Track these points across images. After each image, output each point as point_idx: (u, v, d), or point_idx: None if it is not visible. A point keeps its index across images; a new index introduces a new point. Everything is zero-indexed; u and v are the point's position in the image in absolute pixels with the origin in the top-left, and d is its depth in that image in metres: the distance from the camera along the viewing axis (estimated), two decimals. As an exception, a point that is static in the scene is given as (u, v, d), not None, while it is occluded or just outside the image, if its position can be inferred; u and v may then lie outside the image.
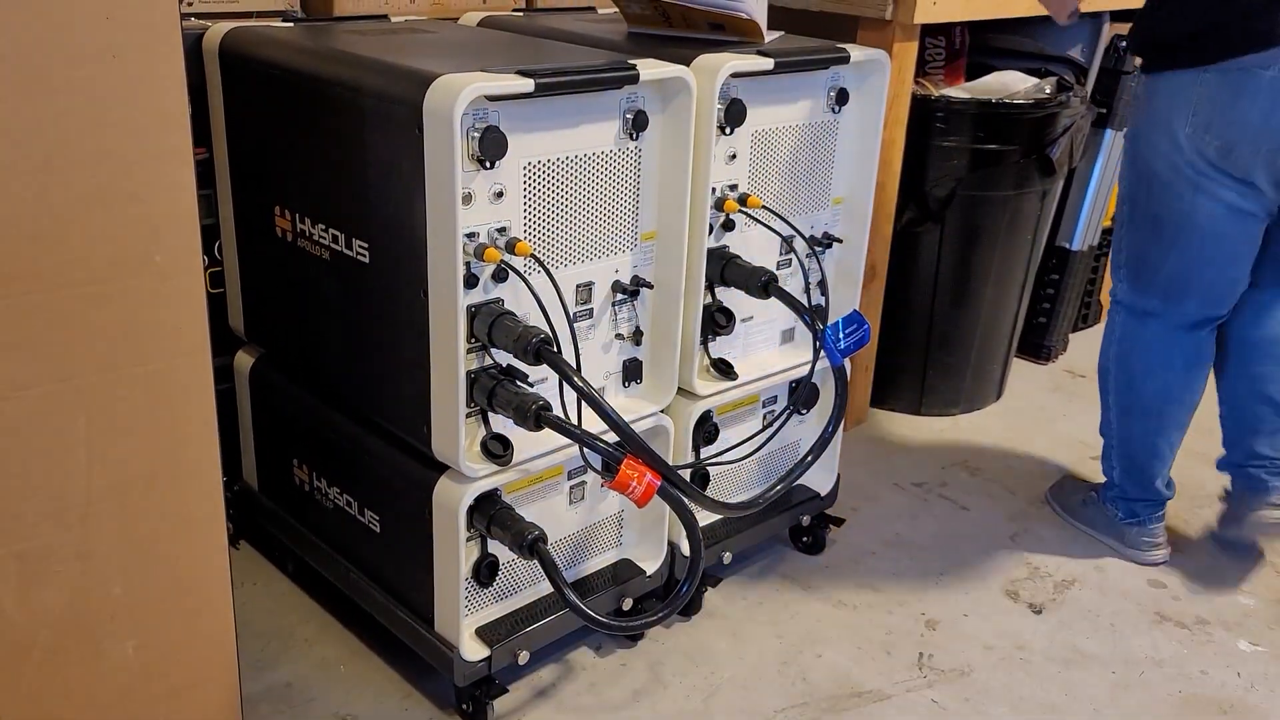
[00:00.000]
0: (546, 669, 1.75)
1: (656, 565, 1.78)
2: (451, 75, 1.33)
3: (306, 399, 1.76)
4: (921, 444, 2.53)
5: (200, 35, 1.73)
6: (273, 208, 1.68)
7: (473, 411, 1.48)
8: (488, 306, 1.43)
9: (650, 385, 1.69)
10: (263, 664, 1.73)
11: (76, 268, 1.18)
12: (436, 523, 1.52)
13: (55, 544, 1.25)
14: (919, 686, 1.77)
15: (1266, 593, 2.06)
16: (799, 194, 1.80)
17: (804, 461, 1.69)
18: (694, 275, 1.65)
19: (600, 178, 1.52)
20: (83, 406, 1.22)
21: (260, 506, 1.93)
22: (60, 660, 1.29)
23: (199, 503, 1.36)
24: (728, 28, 1.71)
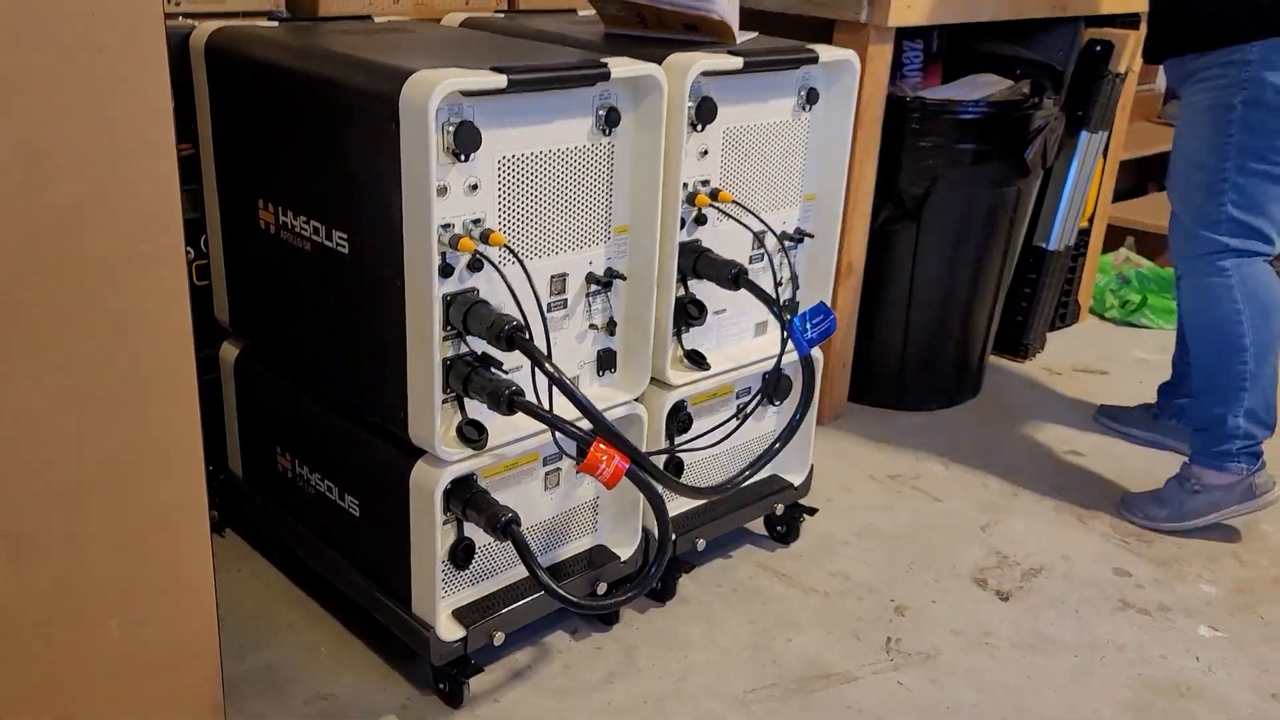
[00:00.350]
0: (522, 651, 1.80)
1: (631, 551, 1.83)
2: (426, 71, 1.38)
3: (289, 388, 1.80)
4: (898, 438, 2.58)
5: (187, 34, 1.77)
6: (256, 201, 1.72)
7: (449, 398, 1.53)
8: (463, 295, 1.48)
9: (624, 375, 1.74)
10: (245, 647, 1.77)
11: (63, 259, 1.22)
12: (413, 506, 1.57)
13: (44, 525, 1.29)
14: (886, 669, 1.82)
15: (1229, 582, 2.11)
16: (771, 190, 1.85)
17: (772, 448, 1.73)
18: (666, 268, 1.69)
19: (574, 172, 1.56)
20: (71, 394, 1.26)
21: (245, 495, 1.98)
22: (48, 637, 1.33)
23: (183, 488, 1.40)
24: (701, 28, 1.76)
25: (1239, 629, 1.97)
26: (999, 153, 2.47)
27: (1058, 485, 2.42)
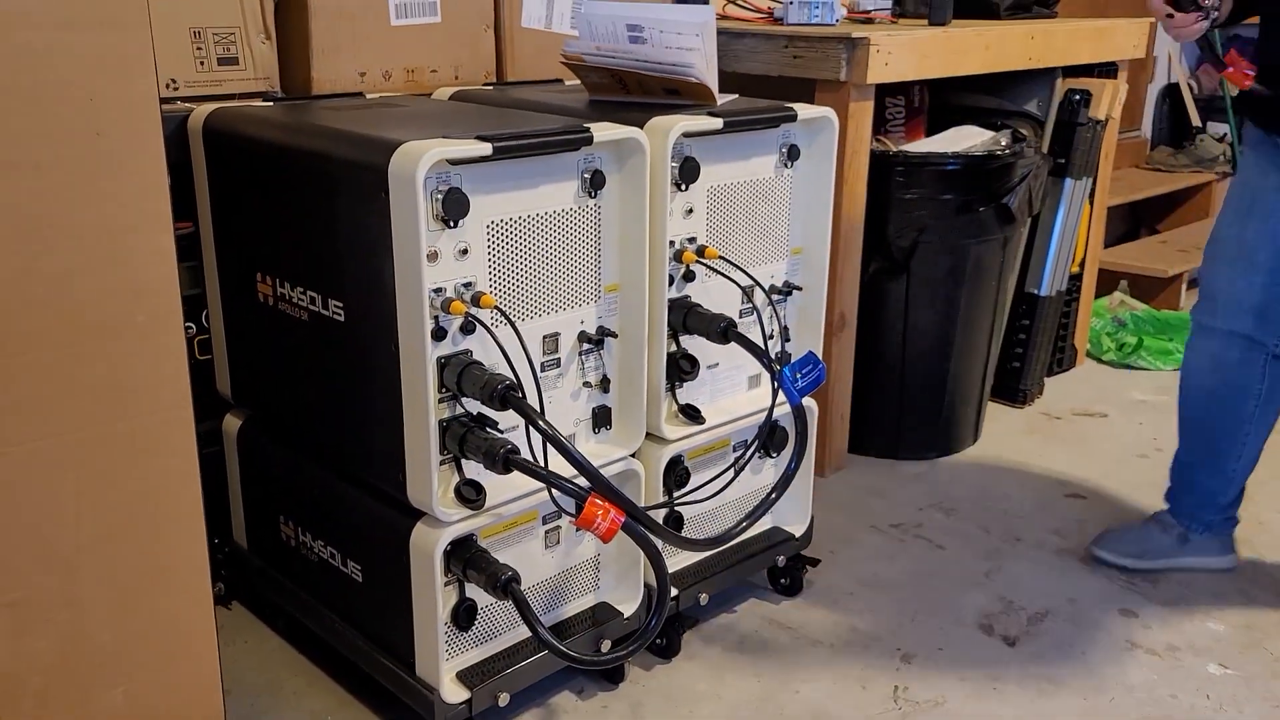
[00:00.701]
0: (528, 712, 1.79)
1: (634, 607, 1.83)
2: (414, 142, 1.43)
3: (291, 457, 1.83)
4: (899, 487, 2.59)
5: (185, 117, 1.83)
6: (255, 274, 1.77)
7: (446, 459, 1.55)
8: (457, 357, 1.51)
9: (619, 431, 1.76)
10: (251, 717, 1.77)
11: (63, 329, 1.26)
12: (414, 568, 1.58)
13: (45, 593, 1.31)
14: (893, 718, 1.81)
15: (1236, 619, 2.10)
16: (757, 245, 1.88)
17: (769, 498, 1.75)
18: (656, 324, 1.73)
19: (562, 234, 1.60)
20: (70, 461, 1.30)
21: (250, 565, 1.99)
22: (51, 706, 1.34)
23: (184, 554, 1.43)
24: (682, 92, 1.81)
25: (1248, 666, 1.96)
26: (983, 202, 2.52)
27: (1060, 529, 2.42)
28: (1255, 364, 2.01)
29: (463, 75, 2.24)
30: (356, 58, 2.08)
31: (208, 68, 1.94)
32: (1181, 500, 2.19)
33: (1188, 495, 2.18)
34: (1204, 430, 2.12)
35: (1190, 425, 2.15)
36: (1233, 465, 2.11)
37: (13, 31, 1.17)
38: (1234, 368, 2.03)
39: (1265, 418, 2.07)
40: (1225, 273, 2.00)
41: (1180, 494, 2.20)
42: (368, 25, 2.08)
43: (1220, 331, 2.03)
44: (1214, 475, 2.13)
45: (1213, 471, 2.13)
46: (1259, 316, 1.96)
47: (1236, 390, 2.04)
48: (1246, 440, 2.08)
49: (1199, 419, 2.12)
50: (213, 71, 1.94)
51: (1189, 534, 2.18)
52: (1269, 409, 2.06)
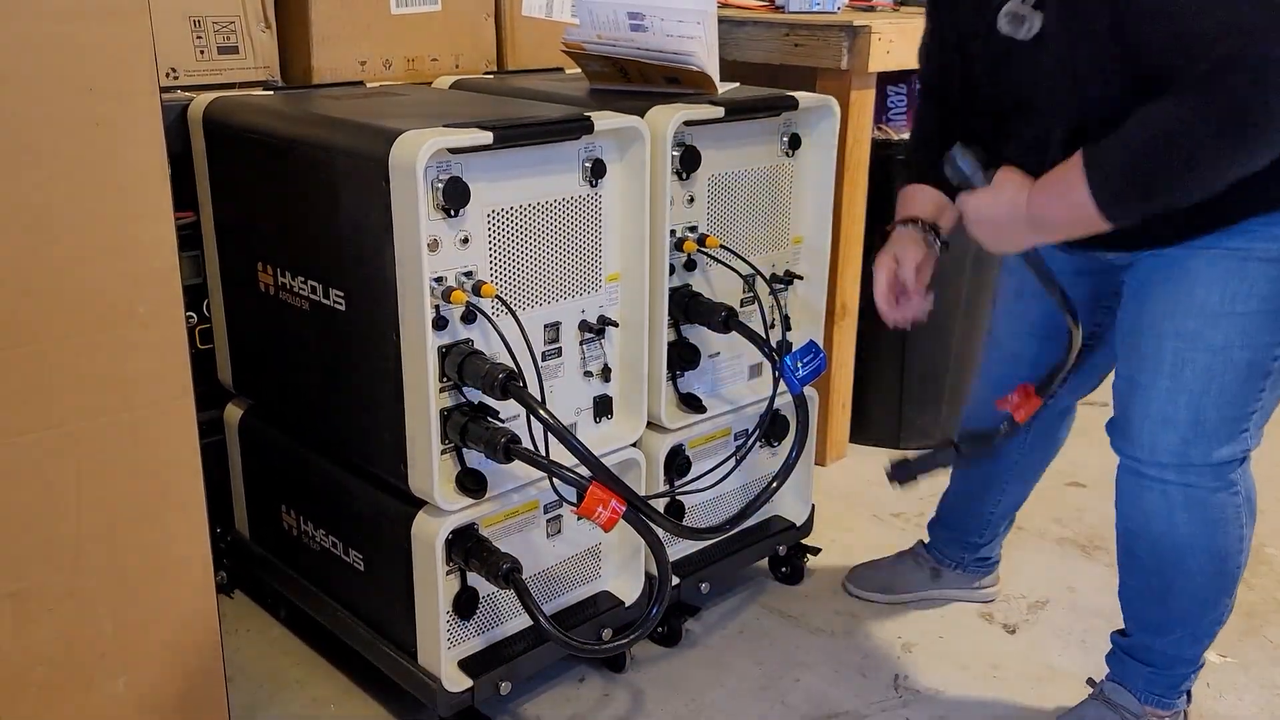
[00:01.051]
0: (530, 701, 1.80)
1: (635, 596, 1.84)
2: (415, 131, 1.42)
3: (292, 446, 1.83)
4: (900, 476, 2.59)
5: (185, 106, 1.83)
6: (256, 264, 1.77)
7: (447, 448, 1.55)
8: (457, 347, 1.51)
9: (621, 420, 1.76)
10: (255, 706, 1.78)
11: (65, 320, 1.26)
12: (416, 557, 1.58)
13: (47, 583, 1.32)
14: (894, 706, 1.82)
15: (1236, 606, 2.09)
16: (758, 234, 1.88)
17: (770, 487, 1.75)
18: (657, 313, 1.72)
19: (563, 223, 1.60)
20: (72, 451, 1.30)
21: (252, 554, 2.00)
22: (54, 696, 1.35)
23: (186, 543, 1.43)
24: (683, 80, 1.81)
25: (1247, 653, 1.97)
26: (985, 190, 2.51)
27: (1060, 517, 2.42)
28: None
29: (463, 64, 2.23)
30: (357, 46, 2.07)
31: (208, 56, 1.94)
32: (937, 532, 2.10)
33: (944, 529, 2.08)
34: (965, 472, 2.00)
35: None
36: (990, 509, 2.00)
37: (12, 21, 1.16)
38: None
39: (1028, 465, 1.96)
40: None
41: (936, 526, 2.10)
42: (368, 13, 2.08)
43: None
44: (970, 515, 2.03)
45: (969, 512, 2.03)
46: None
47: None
48: (1005, 487, 1.97)
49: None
50: (213, 60, 1.94)
51: (941, 569, 2.08)
52: (1032, 457, 1.95)
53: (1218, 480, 1.54)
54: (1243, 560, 1.62)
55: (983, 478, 1.98)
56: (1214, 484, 1.54)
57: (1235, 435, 1.52)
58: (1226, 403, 1.49)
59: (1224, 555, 1.59)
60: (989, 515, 2.01)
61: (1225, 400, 1.49)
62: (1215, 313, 1.46)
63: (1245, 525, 1.59)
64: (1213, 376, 1.48)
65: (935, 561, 2.08)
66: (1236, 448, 1.53)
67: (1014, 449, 1.92)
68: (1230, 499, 1.55)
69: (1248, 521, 1.59)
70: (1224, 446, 1.52)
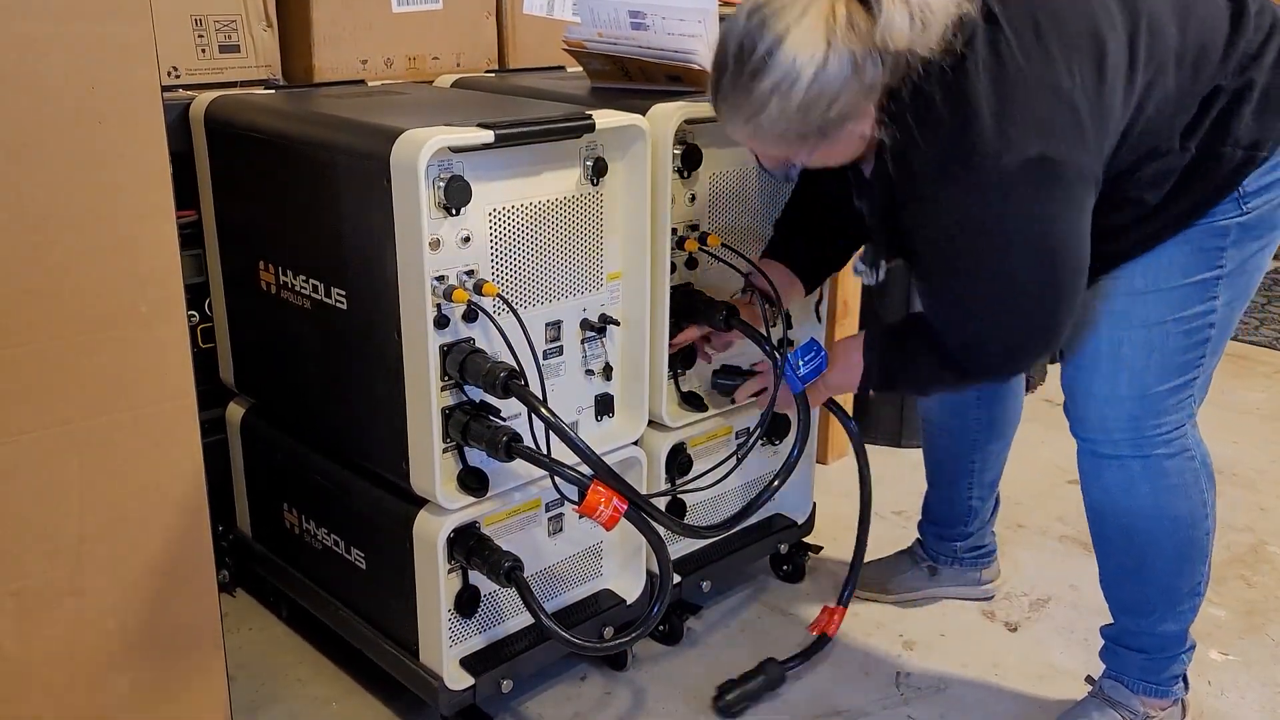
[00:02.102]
0: (532, 699, 1.80)
1: (637, 594, 1.84)
2: (416, 130, 1.42)
3: (294, 445, 1.83)
4: (901, 474, 2.59)
5: (187, 105, 1.83)
6: (257, 263, 1.77)
7: (448, 446, 1.55)
8: (459, 345, 1.51)
9: (622, 418, 1.77)
10: (257, 704, 1.78)
11: (68, 319, 1.26)
12: (417, 555, 1.58)
13: (51, 582, 1.32)
14: (896, 704, 1.82)
15: (1237, 604, 2.10)
16: (761, 232, 1.88)
17: (771, 485, 1.75)
18: (659, 312, 1.73)
19: (564, 222, 1.60)
20: (75, 450, 1.30)
21: (254, 553, 2.00)
22: (57, 695, 1.35)
23: (188, 541, 1.43)
24: (684, 79, 1.81)
25: (1249, 651, 1.97)
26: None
27: (1062, 515, 2.42)
28: (969, 396, 1.94)
29: (464, 62, 2.23)
30: (358, 45, 2.07)
31: (209, 55, 1.94)
32: (925, 529, 2.11)
33: (930, 525, 2.09)
34: (938, 460, 2.03)
35: (928, 455, 2.05)
36: (966, 495, 2.01)
37: (14, 20, 1.17)
38: (956, 401, 1.95)
39: (989, 445, 1.98)
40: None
41: (924, 524, 2.11)
42: (369, 12, 2.08)
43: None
44: (949, 506, 2.04)
45: (948, 503, 2.04)
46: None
47: (958, 417, 1.96)
48: (973, 470, 1.99)
49: (932, 450, 2.04)
50: (214, 59, 1.94)
51: (938, 566, 2.09)
52: (989, 436, 1.96)
53: (1170, 447, 1.59)
54: (1209, 526, 1.64)
55: (949, 469, 2.01)
56: (1168, 451, 1.59)
57: (1181, 401, 1.58)
58: (1168, 373, 1.55)
59: (1190, 521, 1.62)
60: (967, 502, 2.03)
61: (1167, 371, 1.55)
62: (1142, 291, 1.52)
63: (1206, 489, 1.63)
64: (1151, 350, 1.54)
65: (931, 559, 2.08)
66: (1183, 413, 1.59)
67: (970, 434, 1.97)
68: (1187, 464, 1.60)
69: (1208, 485, 1.63)
70: (1171, 414, 1.58)
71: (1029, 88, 1.32)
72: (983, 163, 1.32)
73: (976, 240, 1.39)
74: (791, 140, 1.39)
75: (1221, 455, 2.72)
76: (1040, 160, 1.32)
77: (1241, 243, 1.50)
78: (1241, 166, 1.46)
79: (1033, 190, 1.34)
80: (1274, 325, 3.74)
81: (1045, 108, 1.32)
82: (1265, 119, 1.45)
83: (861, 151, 1.44)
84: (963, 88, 1.32)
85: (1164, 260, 1.51)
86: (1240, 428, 2.89)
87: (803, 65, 1.30)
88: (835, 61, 1.29)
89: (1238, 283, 1.53)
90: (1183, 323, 1.53)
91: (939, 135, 1.34)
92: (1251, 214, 1.48)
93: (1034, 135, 1.31)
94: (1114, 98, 1.37)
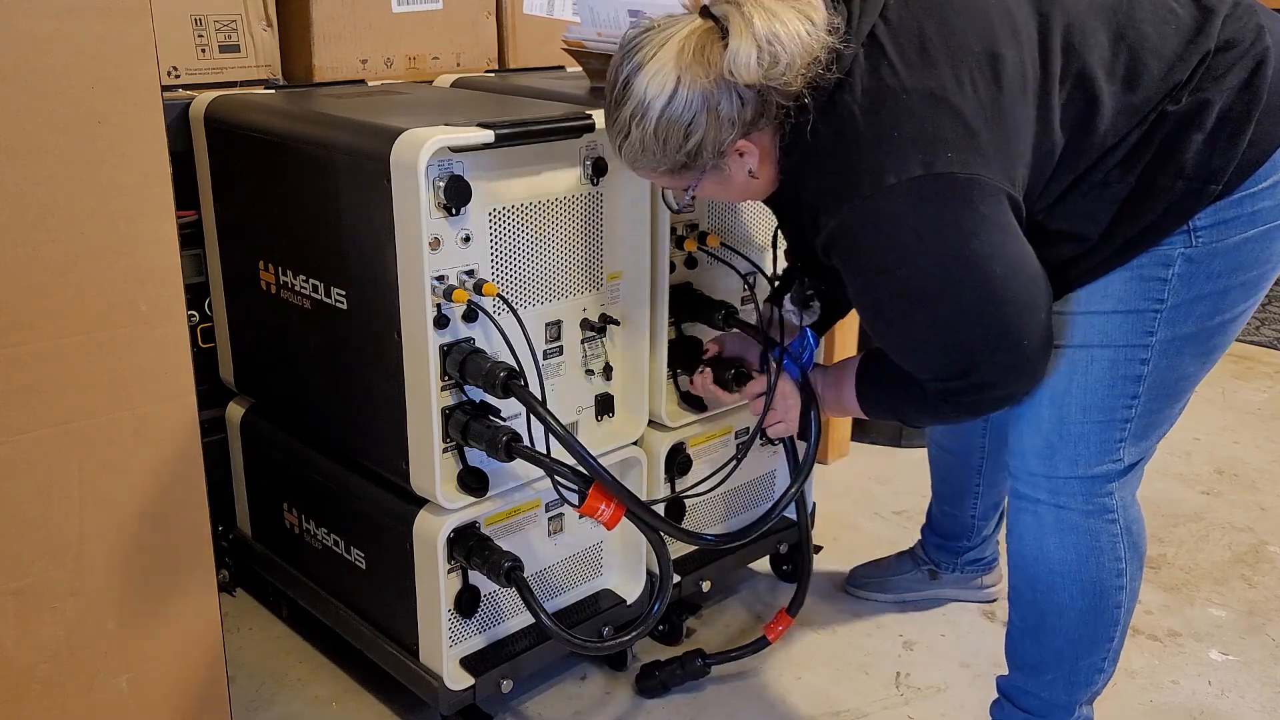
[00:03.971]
0: (532, 699, 1.80)
1: (637, 594, 1.84)
2: (416, 130, 1.42)
3: (294, 444, 1.83)
4: (901, 475, 2.59)
5: (187, 105, 1.83)
6: (257, 263, 1.77)
7: (448, 446, 1.55)
8: (459, 345, 1.51)
9: (622, 419, 1.76)
10: (256, 704, 1.78)
11: (68, 318, 1.26)
12: (417, 555, 1.58)
13: (51, 581, 1.32)
14: (896, 704, 1.82)
15: (1238, 604, 2.10)
16: (759, 231, 1.88)
17: (787, 495, 1.69)
18: (659, 312, 1.72)
19: (564, 221, 1.60)
20: (75, 449, 1.30)
21: (254, 553, 2.00)
22: (57, 694, 1.35)
23: (188, 541, 1.43)
24: (684, 78, 1.80)
25: (1250, 651, 1.97)
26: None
27: (1063, 515, 2.42)
28: (976, 426, 1.90)
29: (464, 62, 2.23)
30: (358, 45, 2.07)
31: (209, 55, 1.94)
32: (927, 536, 2.08)
33: (932, 534, 2.07)
34: (942, 479, 2.01)
35: (933, 474, 2.02)
36: (969, 514, 1.98)
37: (15, 19, 1.17)
38: (960, 425, 1.91)
39: (994, 468, 1.92)
40: None
41: (926, 530, 2.09)
42: (369, 12, 2.08)
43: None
44: (951, 521, 2.02)
45: (950, 518, 2.02)
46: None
47: (962, 441, 1.93)
48: (978, 491, 1.95)
49: (936, 470, 2.01)
50: (214, 59, 1.94)
51: (939, 570, 2.07)
52: (996, 461, 1.90)
53: (1089, 503, 1.48)
54: (1123, 599, 1.53)
55: (955, 486, 1.98)
56: (1085, 506, 1.48)
57: (1107, 449, 1.46)
58: (1091, 405, 1.44)
59: (1099, 590, 1.51)
60: (969, 519, 2.01)
61: (1089, 403, 1.44)
62: (1073, 312, 1.42)
63: (1126, 560, 1.51)
64: (1073, 375, 1.44)
65: (932, 564, 2.08)
66: (1109, 465, 1.46)
67: (974, 458, 1.92)
68: (1105, 526, 1.49)
69: (1129, 557, 1.51)
70: (1093, 460, 1.46)
71: (909, 103, 1.25)
72: (869, 188, 1.26)
73: (888, 270, 1.31)
74: (665, 172, 1.37)
75: (1222, 455, 2.72)
76: (927, 178, 1.24)
77: (1190, 279, 1.36)
78: (1185, 200, 1.31)
79: (929, 209, 1.25)
80: (1275, 325, 3.74)
81: (929, 121, 1.24)
82: (1219, 147, 1.30)
83: (765, 188, 1.41)
84: (840, 116, 1.28)
85: (1102, 283, 1.39)
86: (1241, 428, 2.89)
87: (652, 96, 1.29)
88: (684, 94, 1.28)
89: (1183, 324, 1.38)
90: (1110, 352, 1.41)
91: (823, 167, 1.30)
92: (1201, 247, 1.34)
93: (915, 151, 1.24)
94: (1016, 107, 1.27)
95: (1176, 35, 1.32)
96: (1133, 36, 1.31)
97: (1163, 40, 1.32)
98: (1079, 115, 1.30)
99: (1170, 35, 1.32)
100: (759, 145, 1.34)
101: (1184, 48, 1.31)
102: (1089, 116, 1.30)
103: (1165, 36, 1.32)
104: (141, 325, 1.31)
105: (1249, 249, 1.36)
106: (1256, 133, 1.30)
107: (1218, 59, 1.31)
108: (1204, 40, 1.31)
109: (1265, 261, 1.38)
